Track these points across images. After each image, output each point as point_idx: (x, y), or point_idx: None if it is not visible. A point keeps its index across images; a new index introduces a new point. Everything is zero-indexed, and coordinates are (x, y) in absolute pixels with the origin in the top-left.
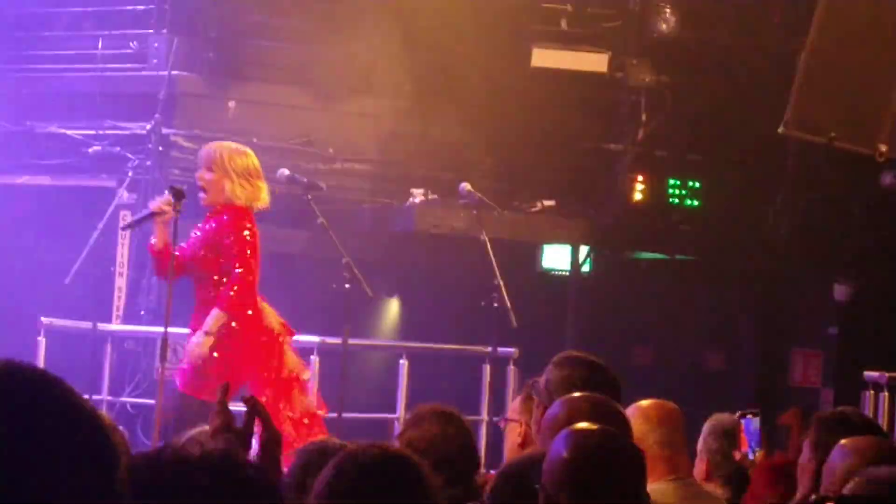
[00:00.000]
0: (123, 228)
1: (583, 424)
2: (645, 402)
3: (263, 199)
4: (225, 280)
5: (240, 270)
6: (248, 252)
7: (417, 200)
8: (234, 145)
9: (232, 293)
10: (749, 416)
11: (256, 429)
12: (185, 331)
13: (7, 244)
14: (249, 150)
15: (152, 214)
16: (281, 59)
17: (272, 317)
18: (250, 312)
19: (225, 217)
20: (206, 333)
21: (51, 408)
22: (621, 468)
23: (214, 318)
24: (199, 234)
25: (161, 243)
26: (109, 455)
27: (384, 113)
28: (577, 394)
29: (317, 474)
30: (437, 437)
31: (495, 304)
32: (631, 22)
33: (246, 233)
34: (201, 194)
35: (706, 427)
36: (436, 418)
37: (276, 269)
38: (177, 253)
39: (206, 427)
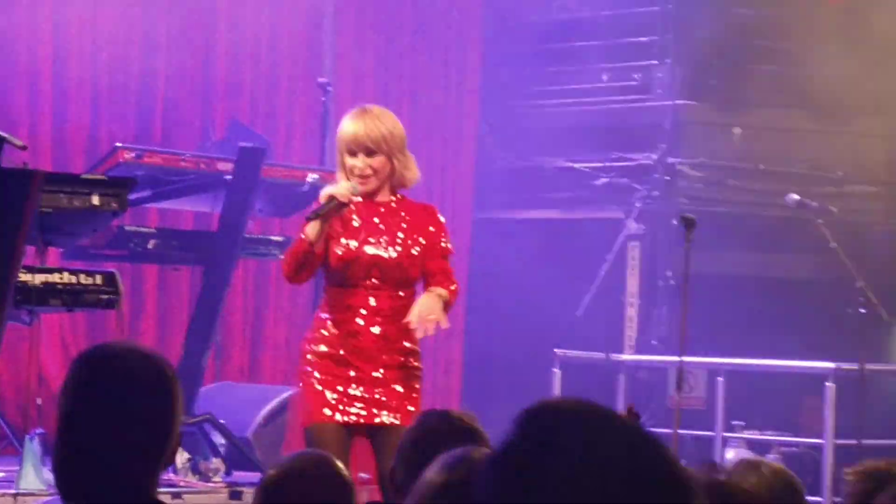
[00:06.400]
0: (309, 219)
1: None
2: None
3: None
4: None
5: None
6: None
7: None
8: None
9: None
10: None
11: None
12: (700, 359)
13: (519, 278)
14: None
15: (339, 206)
16: (785, 83)
17: None
18: None
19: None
20: None
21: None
22: None
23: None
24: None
25: (318, 238)
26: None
27: (894, 132)
28: None
29: None
30: None
31: None
32: None
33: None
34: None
35: None
36: None
37: (787, 296)
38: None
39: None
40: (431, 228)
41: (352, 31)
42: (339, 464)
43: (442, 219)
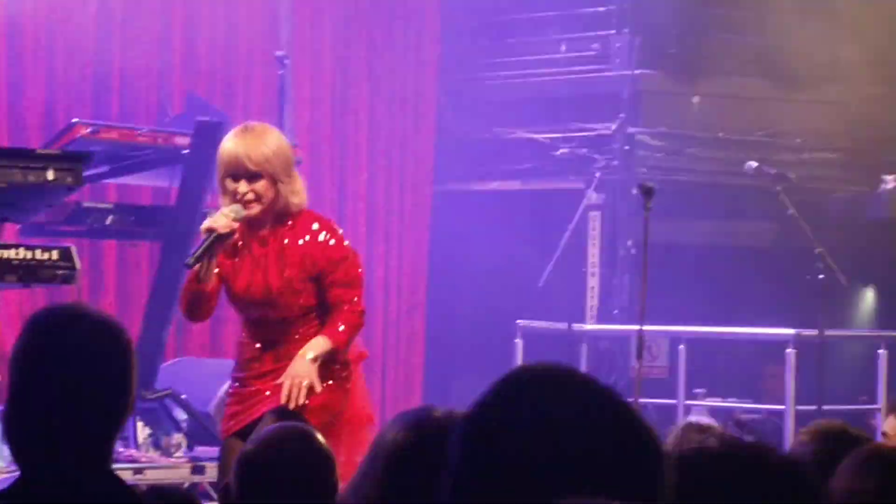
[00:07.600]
0: (189, 266)
1: None
2: None
3: None
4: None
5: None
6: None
7: (890, 187)
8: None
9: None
10: None
11: None
12: (662, 328)
13: (482, 249)
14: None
15: (220, 237)
16: (743, 51)
17: None
18: None
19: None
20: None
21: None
22: None
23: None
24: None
25: (210, 275)
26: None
27: (852, 99)
28: None
29: None
30: None
31: None
32: None
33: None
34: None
35: None
36: None
37: (747, 263)
38: None
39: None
40: (318, 255)
41: (309, 3)
42: (320, 437)
43: (329, 239)
